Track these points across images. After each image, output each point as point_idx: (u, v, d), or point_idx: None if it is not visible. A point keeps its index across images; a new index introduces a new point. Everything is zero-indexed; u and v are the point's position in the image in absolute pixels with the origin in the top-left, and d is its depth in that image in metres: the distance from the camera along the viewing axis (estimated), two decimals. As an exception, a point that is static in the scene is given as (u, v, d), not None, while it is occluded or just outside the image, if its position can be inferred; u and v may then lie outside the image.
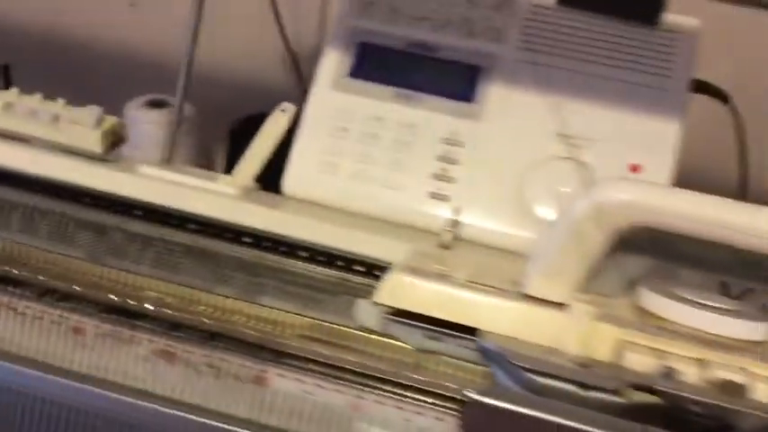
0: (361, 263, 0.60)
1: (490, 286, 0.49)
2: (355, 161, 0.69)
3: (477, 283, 0.50)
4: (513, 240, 0.65)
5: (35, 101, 0.66)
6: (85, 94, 0.71)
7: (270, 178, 0.71)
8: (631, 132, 0.67)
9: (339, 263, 0.61)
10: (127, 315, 0.51)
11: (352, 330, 0.51)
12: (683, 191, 0.46)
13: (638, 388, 0.43)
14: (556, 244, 0.48)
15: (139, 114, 1.04)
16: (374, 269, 0.58)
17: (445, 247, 0.61)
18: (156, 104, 1.05)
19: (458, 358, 0.50)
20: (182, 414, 0.49)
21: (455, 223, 0.63)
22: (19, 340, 0.51)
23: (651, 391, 0.43)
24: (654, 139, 0.67)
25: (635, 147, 0.67)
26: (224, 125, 1.08)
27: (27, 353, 0.51)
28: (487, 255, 0.63)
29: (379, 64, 0.71)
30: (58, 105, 0.67)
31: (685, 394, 0.42)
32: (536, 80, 0.69)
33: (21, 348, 0.51)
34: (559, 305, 0.48)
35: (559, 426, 0.40)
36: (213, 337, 0.51)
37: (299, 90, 0.92)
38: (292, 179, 0.70)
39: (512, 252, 0.64)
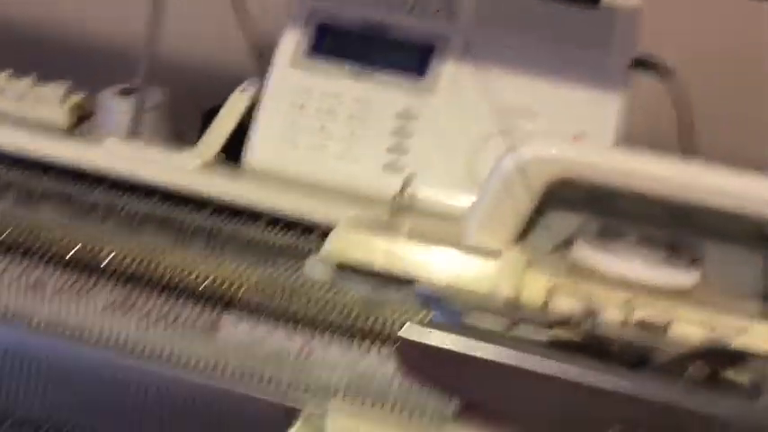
0: (317, 229, 0.63)
1: (429, 240, 0.52)
2: (313, 136, 0.72)
3: (417, 236, 0.53)
4: (465, 211, 0.68)
5: (2, 78, 0.69)
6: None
7: (233, 154, 0.74)
8: (575, 106, 0.71)
9: (296, 229, 0.63)
10: (86, 269, 0.54)
11: (302, 284, 0.54)
12: (600, 146, 0.49)
13: (563, 325, 0.46)
14: (489, 198, 0.51)
15: (112, 103, 1.06)
16: (329, 234, 0.61)
17: (395, 212, 0.64)
18: (130, 93, 1.08)
19: (402, 307, 0.53)
20: (138, 362, 0.52)
21: (405, 191, 0.66)
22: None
23: (574, 328, 0.46)
24: (596, 112, 0.70)
25: (578, 120, 0.70)
26: (196, 112, 1.11)
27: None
28: (435, 221, 0.66)
29: (337, 43, 0.74)
30: (26, 83, 0.69)
31: (603, 331, 0.45)
32: (485, 57, 0.73)
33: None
34: (494, 255, 0.51)
35: (482, 359, 0.43)
36: (168, 289, 0.53)
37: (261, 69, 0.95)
38: (254, 153, 0.73)
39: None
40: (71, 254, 0.54)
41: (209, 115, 1.07)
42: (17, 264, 0.53)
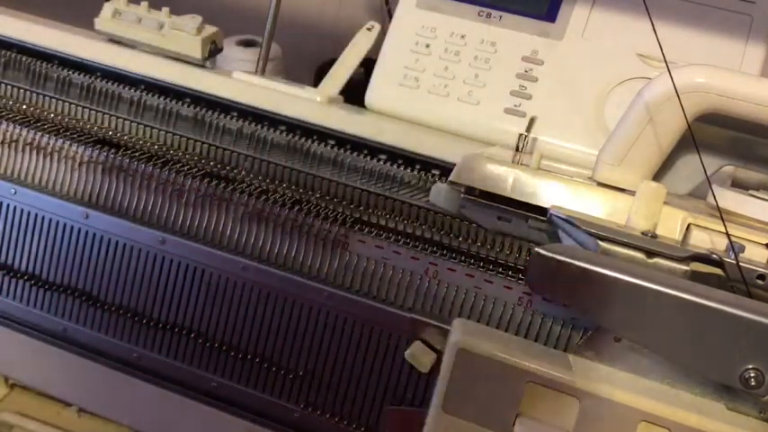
0: (436, 166, 0.63)
1: (561, 173, 0.51)
2: (436, 76, 0.72)
3: (548, 169, 0.52)
4: (588, 158, 0.67)
5: (141, 9, 0.72)
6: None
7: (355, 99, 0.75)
8: (715, 56, 0.68)
9: (415, 165, 0.64)
10: (222, 182, 0.55)
11: (426, 210, 0.54)
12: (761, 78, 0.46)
13: (703, 260, 0.44)
14: (627, 130, 0.49)
15: (231, 52, 1.10)
16: (448, 171, 0.60)
17: (519, 150, 0.63)
18: (248, 44, 1.11)
19: (527, 240, 0.52)
20: (270, 269, 0.53)
21: (531, 129, 0.65)
22: (128, 198, 0.56)
23: (715, 263, 0.44)
24: (738, 63, 0.67)
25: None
26: (310, 67, 1.13)
27: (135, 210, 0.56)
28: (563, 161, 0.65)
29: (464, -17, 0.73)
30: (162, 14, 0.72)
31: (750, 266, 0.43)
32: (619, 1, 0.70)
33: (130, 205, 0.56)
34: (629, 190, 0.49)
35: (621, 281, 0.42)
36: (299, 205, 0.55)
37: (384, 11, 0.96)
38: (375, 93, 0.73)
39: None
40: (209, 168, 0.56)
41: (323, 69, 1.09)
42: (160, 172, 0.56)
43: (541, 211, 0.50)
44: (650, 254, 0.44)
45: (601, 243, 0.45)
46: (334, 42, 0.95)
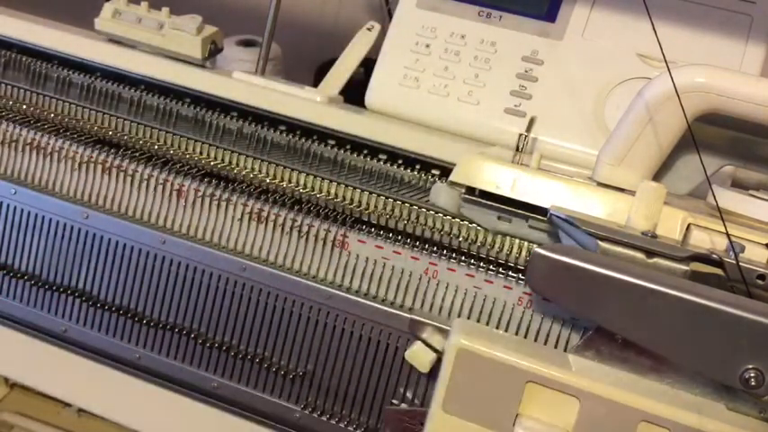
0: (436, 166, 0.63)
1: (561, 173, 0.51)
2: (436, 76, 0.72)
3: (548, 170, 0.52)
4: (588, 158, 0.67)
5: (141, 9, 0.72)
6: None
7: (355, 99, 0.75)
8: (715, 56, 0.68)
9: (415, 165, 0.64)
10: (222, 182, 0.55)
11: (426, 210, 0.54)
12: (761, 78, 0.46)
13: (703, 260, 0.44)
14: (627, 130, 0.49)
15: (231, 52, 1.09)
16: (448, 171, 0.60)
17: (519, 150, 0.63)
18: (248, 44, 1.11)
19: (527, 240, 0.52)
20: (269, 270, 0.53)
21: (531, 129, 0.65)
22: (128, 198, 0.56)
23: (715, 263, 0.44)
24: (738, 63, 0.67)
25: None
26: (310, 67, 1.13)
27: (135, 211, 0.56)
28: (563, 161, 0.65)
29: (464, -17, 0.73)
30: (162, 14, 0.72)
31: (750, 266, 0.43)
32: (619, 1, 0.70)
33: (130, 205, 0.56)
34: (629, 190, 0.49)
35: (621, 280, 0.42)
36: (298, 205, 0.55)
37: (384, 11, 0.95)
38: (375, 93, 0.73)
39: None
40: (209, 168, 0.56)
41: (323, 69, 1.09)
42: (160, 173, 0.56)
43: (541, 211, 0.50)
44: (650, 254, 0.44)
45: (601, 243, 0.45)
46: (334, 42, 0.94)
